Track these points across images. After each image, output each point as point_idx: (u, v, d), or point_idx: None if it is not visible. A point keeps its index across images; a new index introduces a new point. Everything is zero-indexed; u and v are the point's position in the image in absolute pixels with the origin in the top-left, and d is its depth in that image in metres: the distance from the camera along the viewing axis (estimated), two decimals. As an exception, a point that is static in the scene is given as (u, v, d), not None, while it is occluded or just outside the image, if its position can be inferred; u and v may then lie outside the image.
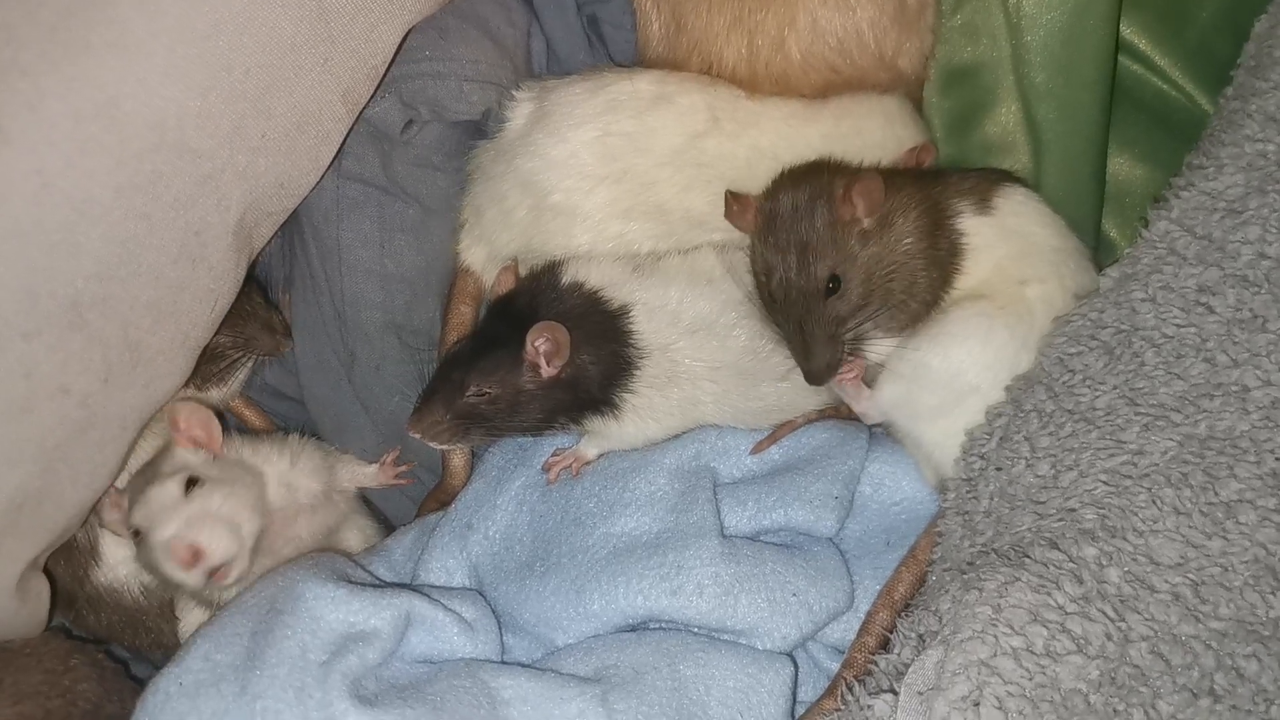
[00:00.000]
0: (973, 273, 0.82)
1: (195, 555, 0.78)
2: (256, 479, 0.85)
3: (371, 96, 0.83)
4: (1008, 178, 0.88)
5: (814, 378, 0.80)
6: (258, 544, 0.82)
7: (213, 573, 0.79)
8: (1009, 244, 0.82)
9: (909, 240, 0.80)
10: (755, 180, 0.85)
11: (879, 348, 0.82)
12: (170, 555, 0.78)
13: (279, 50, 0.70)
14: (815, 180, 0.81)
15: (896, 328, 0.82)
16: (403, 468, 0.93)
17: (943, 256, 0.81)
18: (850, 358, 0.81)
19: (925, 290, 0.81)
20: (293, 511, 0.87)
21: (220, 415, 0.88)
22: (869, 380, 0.84)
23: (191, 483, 0.80)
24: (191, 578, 0.79)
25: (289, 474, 0.87)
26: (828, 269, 0.79)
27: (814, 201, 0.80)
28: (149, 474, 0.82)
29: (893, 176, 0.83)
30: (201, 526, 0.79)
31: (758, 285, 0.83)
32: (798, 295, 0.79)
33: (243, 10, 0.67)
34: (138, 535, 0.81)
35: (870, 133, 0.88)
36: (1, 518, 0.68)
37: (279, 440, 0.89)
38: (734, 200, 0.82)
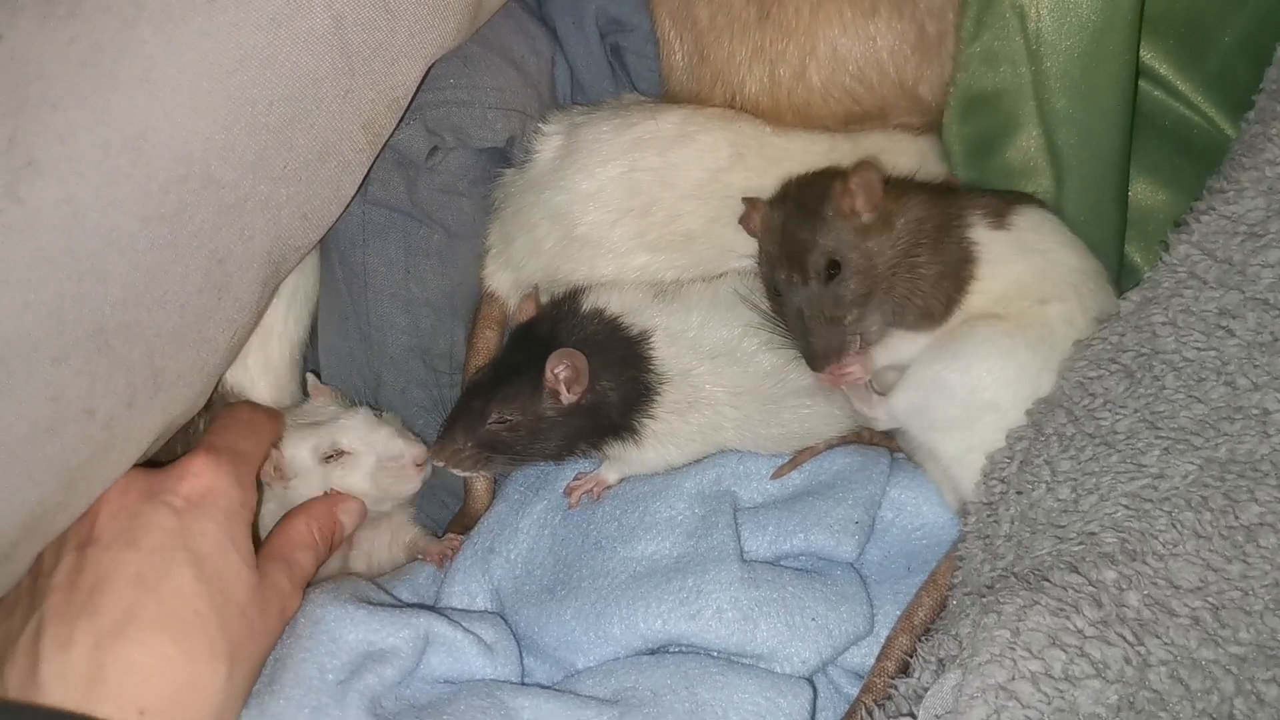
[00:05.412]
0: (990, 285, 0.82)
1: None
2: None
3: (396, 126, 0.84)
4: (1027, 198, 0.88)
5: (815, 361, 0.80)
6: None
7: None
8: (1028, 260, 0.82)
9: (908, 240, 0.81)
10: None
11: (888, 345, 0.82)
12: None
13: (301, 84, 0.71)
14: (819, 179, 0.83)
15: (906, 325, 0.82)
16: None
17: (952, 262, 0.81)
18: (857, 350, 0.81)
19: (931, 291, 0.81)
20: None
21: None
22: (884, 389, 0.84)
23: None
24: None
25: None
26: (825, 255, 0.79)
27: (817, 197, 0.81)
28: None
29: (900, 182, 0.84)
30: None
31: (764, 283, 0.83)
32: (799, 281, 0.80)
33: (266, 46, 0.69)
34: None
35: (905, 169, 0.89)
36: (18, 532, 0.69)
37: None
38: (749, 204, 0.84)
